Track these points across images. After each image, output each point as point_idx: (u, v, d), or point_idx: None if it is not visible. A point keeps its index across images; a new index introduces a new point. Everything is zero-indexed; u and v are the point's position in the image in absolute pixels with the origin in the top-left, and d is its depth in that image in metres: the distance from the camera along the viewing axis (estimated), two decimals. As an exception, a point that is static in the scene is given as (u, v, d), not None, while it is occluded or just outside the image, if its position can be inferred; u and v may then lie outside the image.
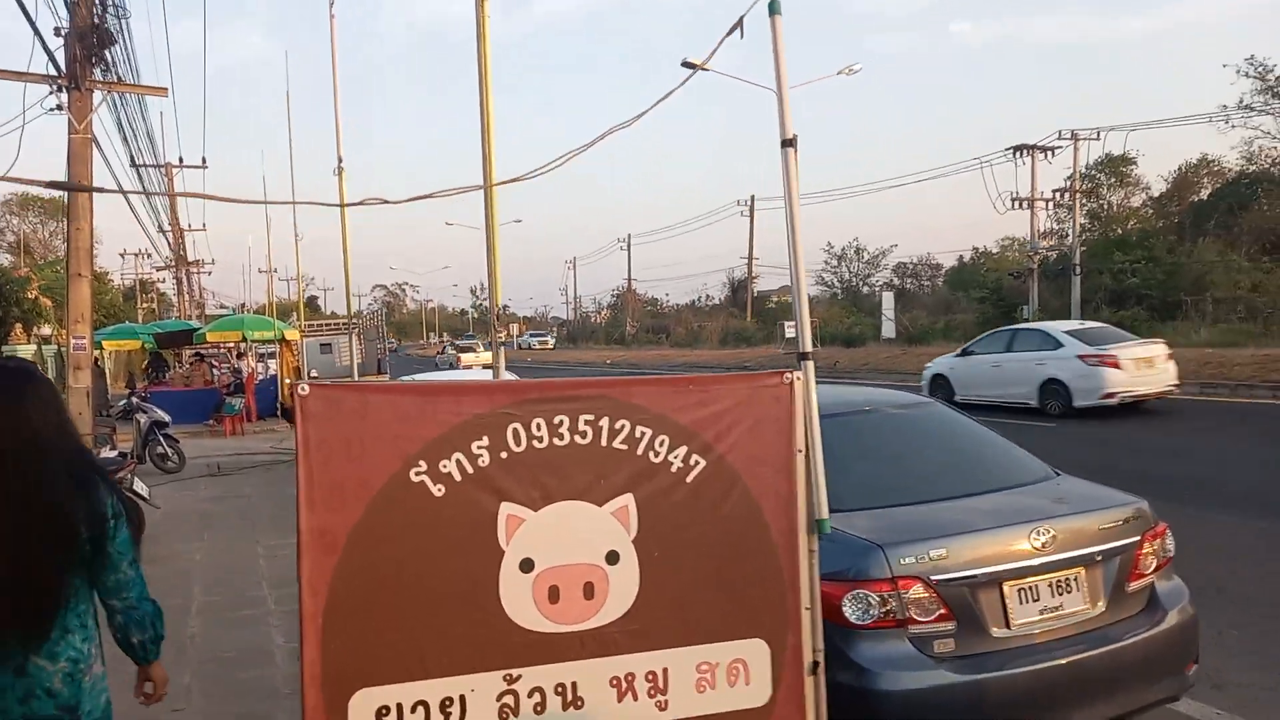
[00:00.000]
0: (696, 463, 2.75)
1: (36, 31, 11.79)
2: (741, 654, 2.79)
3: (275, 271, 53.26)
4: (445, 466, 2.54)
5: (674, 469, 2.74)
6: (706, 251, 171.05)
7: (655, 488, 2.71)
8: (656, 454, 2.72)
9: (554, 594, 2.62)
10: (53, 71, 12.03)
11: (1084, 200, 47.01)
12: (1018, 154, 40.83)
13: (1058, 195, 44.62)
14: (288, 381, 22.69)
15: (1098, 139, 41.01)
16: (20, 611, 2.14)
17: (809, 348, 2.85)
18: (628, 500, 2.69)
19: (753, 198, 56.43)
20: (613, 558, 2.67)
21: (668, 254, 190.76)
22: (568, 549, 2.64)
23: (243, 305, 60.30)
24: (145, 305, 56.05)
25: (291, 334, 22.74)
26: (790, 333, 31.58)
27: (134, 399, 13.58)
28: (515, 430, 2.60)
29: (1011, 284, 42.76)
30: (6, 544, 2.13)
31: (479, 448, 2.57)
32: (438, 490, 2.53)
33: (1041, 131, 47.43)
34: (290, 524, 2.57)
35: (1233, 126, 44.05)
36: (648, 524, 2.70)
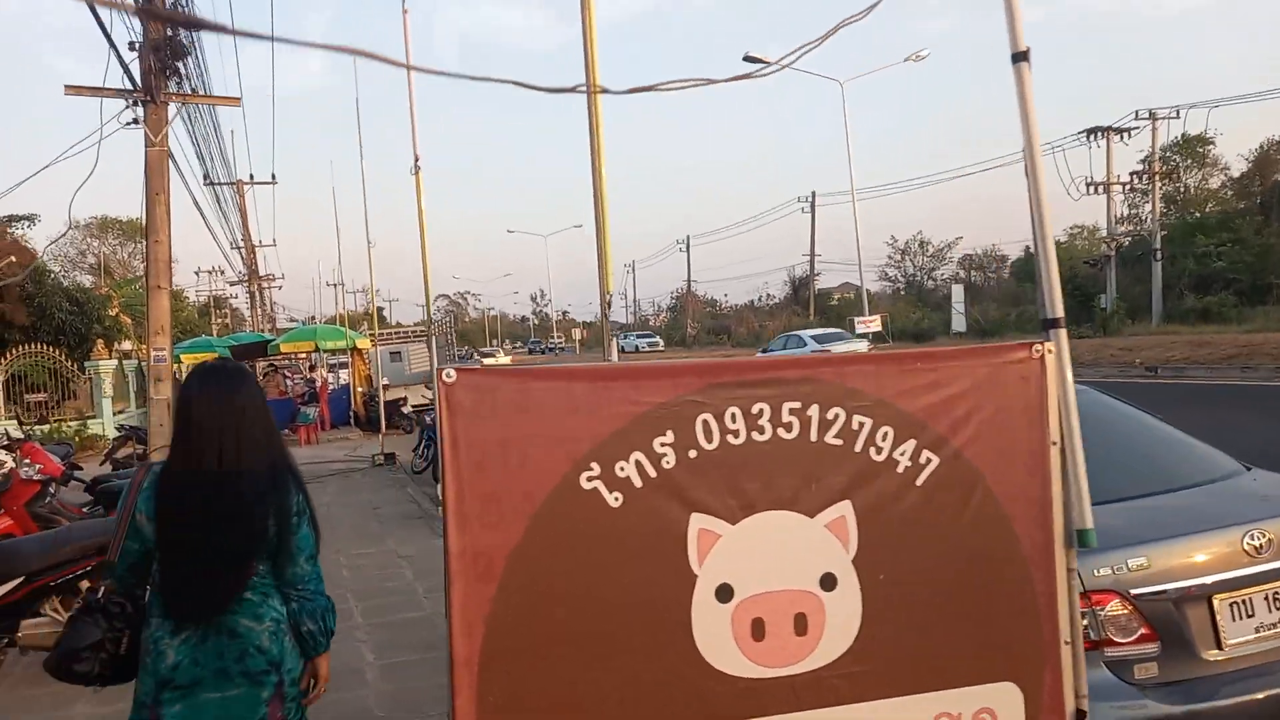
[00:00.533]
0: (928, 460, 2.16)
1: (113, 45, 11.67)
2: (989, 702, 2.19)
3: (342, 284, 54.04)
4: (623, 469, 1.99)
5: (900, 468, 2.15)
6: (765, 250, 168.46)
7: (878, 492, 2.13)
8: (879, 450, 2.13)
9: (758, 629, 2.06)
10: (128, 85, 11.92)
11: (1160, 183, 45.19)
12: (1091, 137, 39.32)
13: (1134, 178, 42.93)
14: (360, 390, 22.59)
15: (1177, 117, 39.35)
16: (204, 587, 2.41)
17: (1059, 312, 2.25)
18: (845, 509, 2.11)
19: (813, 194, 55.39)
20: (828, 582, 2.09)
21: (726, 255, 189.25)
22: (774, 572, 2.07)
23: (312, 317, 61.28)
24: (220, 320, 57.19)
25: (363, 343, 22.64)
26: (861, 328, 30.62)
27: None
28: (706, 423, 2.05)
29: (1087, 272, 41.19)
30: (205, 525, 2.40)
31: (663, 445, 2.02)
32: (614, 500, 1.99)
33: (1113, 115, 45.51)
34: (370, 533, 2.04)
35: (1320, 100, 41.99)
36: (870, 538, 2.12)
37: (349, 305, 62.87)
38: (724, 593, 2.04)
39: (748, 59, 31.12)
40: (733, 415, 2.06)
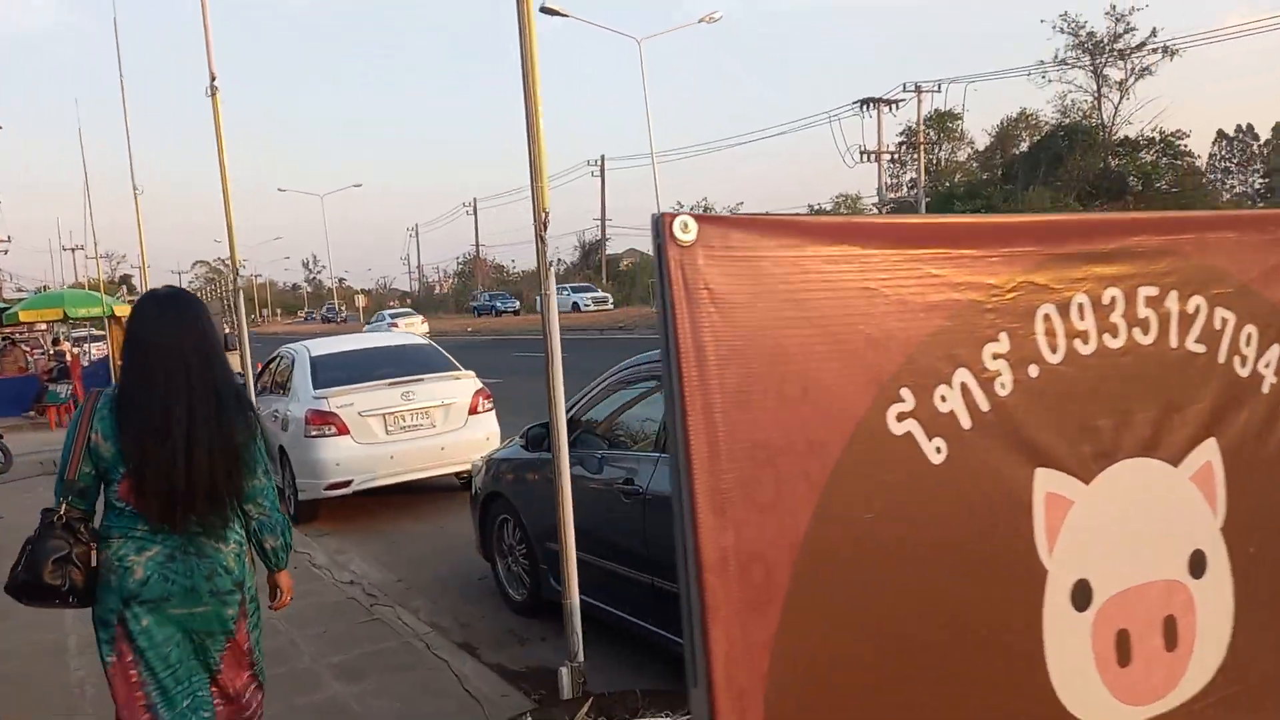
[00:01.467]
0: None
1: None
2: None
3: (81, 249, 47.48)
4: (944, 400, 1.15)
5: (1265, 387, 1.44)
6: (556, 215, 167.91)
7: (1245, 425, 1.40)
8: (1243, 361, 1.41)
9: (1123, 647, 1.29)
10: None
11: (917, 155, 48.52)
12: (864, 107, 41.48)
13: (900, 148, 45.84)
14: (120, 363, 19.69)
15: (939, 91, 42.22)
16: (214, 503, 2.54)
17: None
18: (1211, 452, 1.37)
19: (602, 157, 55.03)
20: (1198, 565, 1.35)
21: (514, 219, 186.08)
22: (1136, 555, 1.30)
23: (45, 286, 53.74)
24: (-75, 291, 48.93)
25: (123, 310, 19.65)
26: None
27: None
28: (1048, 321, 1.23)
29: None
30: (209, 447, 2.50)
31: (996, 359, 1.19)
32: (935, 451, 1.14)
33: (885, 87, 48.15)
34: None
35: (1049, 81, 46.62)
36: (1239, 494, 1.39)
37: (91, 273, 55.73)
38: (1081, 594, 1.24)
39: (545, 10, 30.01)
40: (1079, 308, 1.25)
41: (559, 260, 70.30)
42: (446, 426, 8.16)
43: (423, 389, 8.12)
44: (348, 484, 7.73)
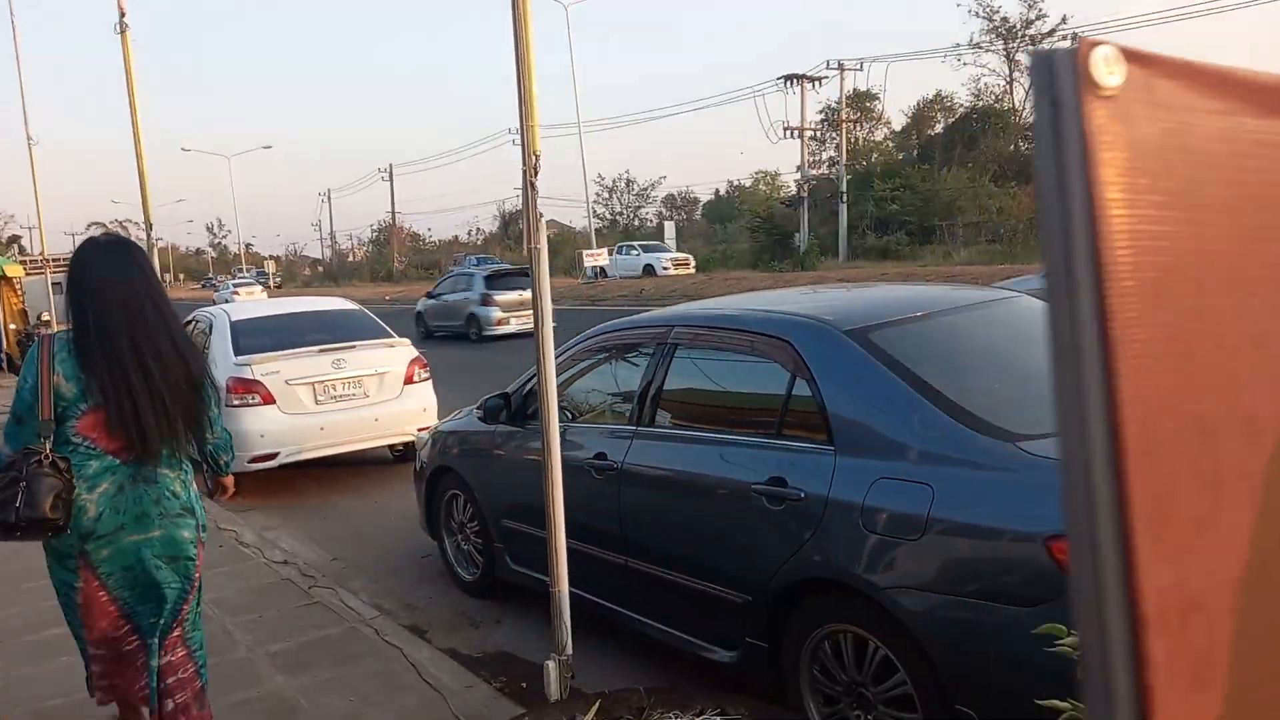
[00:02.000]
0: None
1: None
2: None
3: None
4: None
5: None
6: (474, 184, 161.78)
7: None
8: None
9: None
10: None
11: (835, 134, 48.96)
12: (788, 83, 41.53)
13: (821, 126, 46.15)
14: (12, 328, 18.33)
15: (861, 69, 42.55)
16: (173, 427, 2.71)
17: None
18: None
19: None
20: None
21: (431, 187, 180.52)
22: None
23: (-77, 246, 49.94)
24: None
25: (13, 269, 18.30)
26: (590, 261, 30.07)
27: None
28: None
29: (784, 212, 43.77)
30: (165, 388, 2.68)
31: None
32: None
33: (808, 64, 48.29)
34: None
35: (964, 64, 47.57)
36: None
37: (-23, 231, 52.07)
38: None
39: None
40: None
41: (478, 230, 69.03)
42: (380, 396, 7.71)
43: (355, 356, 7.65)
44: (273, 456, 7.23)
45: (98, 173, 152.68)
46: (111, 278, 2.71)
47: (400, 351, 7.96)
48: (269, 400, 7.24)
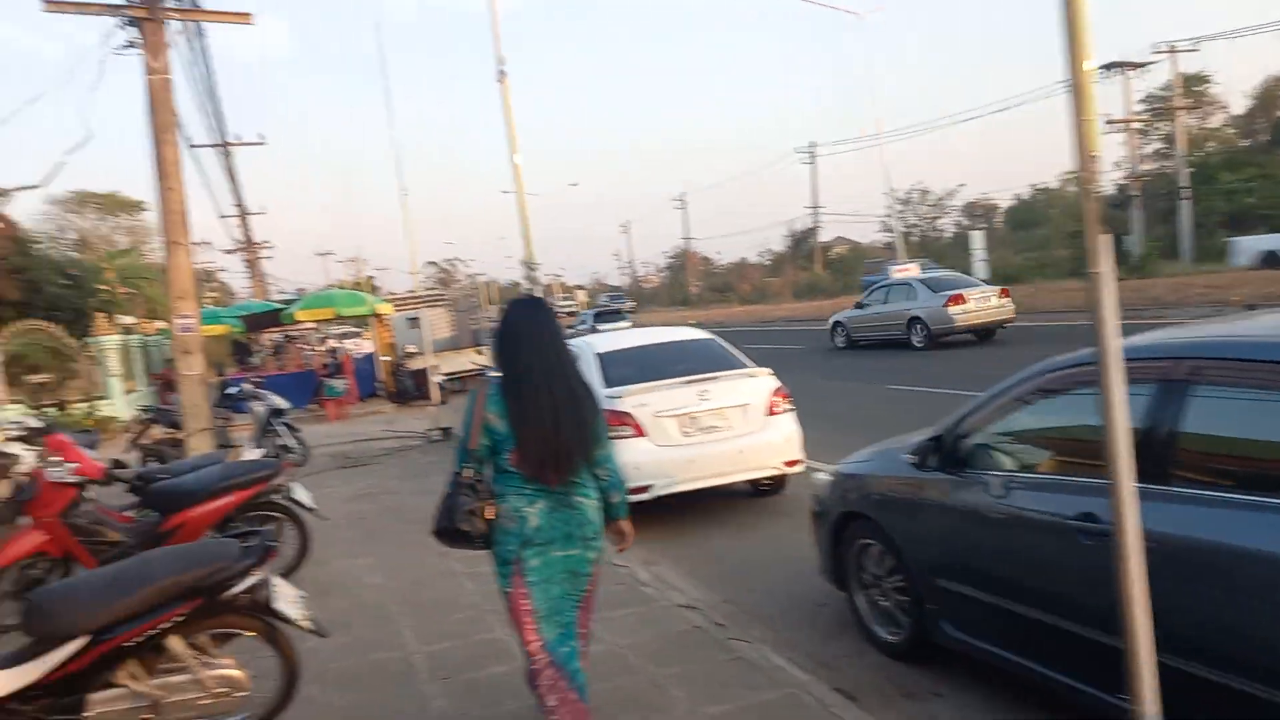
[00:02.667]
0: None
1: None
2: None
3: (331, 254, 51.15)
4: None
5: None
6: (756, 206, 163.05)
7: None
8: None
9: None
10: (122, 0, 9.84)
11: (1157, 125, 43.43)
12: (1109, 71, 37.43)
13: (1147, 117, 41.07)
14: (386, 360, 20.62)
15: (1196, 50, 37.51)
16: (574, 466, 3.13)
17: None
18: None
19: (813, 144, 53.26)
20: None
21: (721, 211, 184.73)
22: None
23: (302, 289, 58.70)
24: (212, 294, 54.69)
25: (384, 308, 20.62)
26: (895, 277, 28.71)
27: (246, 385, 11.50)
28: None
29: (1111, 215, 39.44)
30: (571, 423, 3.10)
31: None
32: None
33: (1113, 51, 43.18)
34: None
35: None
36: None
37: (336, 275, 60.16)
38: None
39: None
40: None
41: (768, 250, 69.02)
42: (744, 429, 7.46)
43: (719, 388, 7.46)
44: (646, 489, 7.19)
45: (443, 216, 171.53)
46: (530, 330, 3.18)
47: (762, 382, 7.67)
48: (640, 433, 7.23)
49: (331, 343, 24.98)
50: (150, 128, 9.78)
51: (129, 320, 21.90)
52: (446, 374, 17.94)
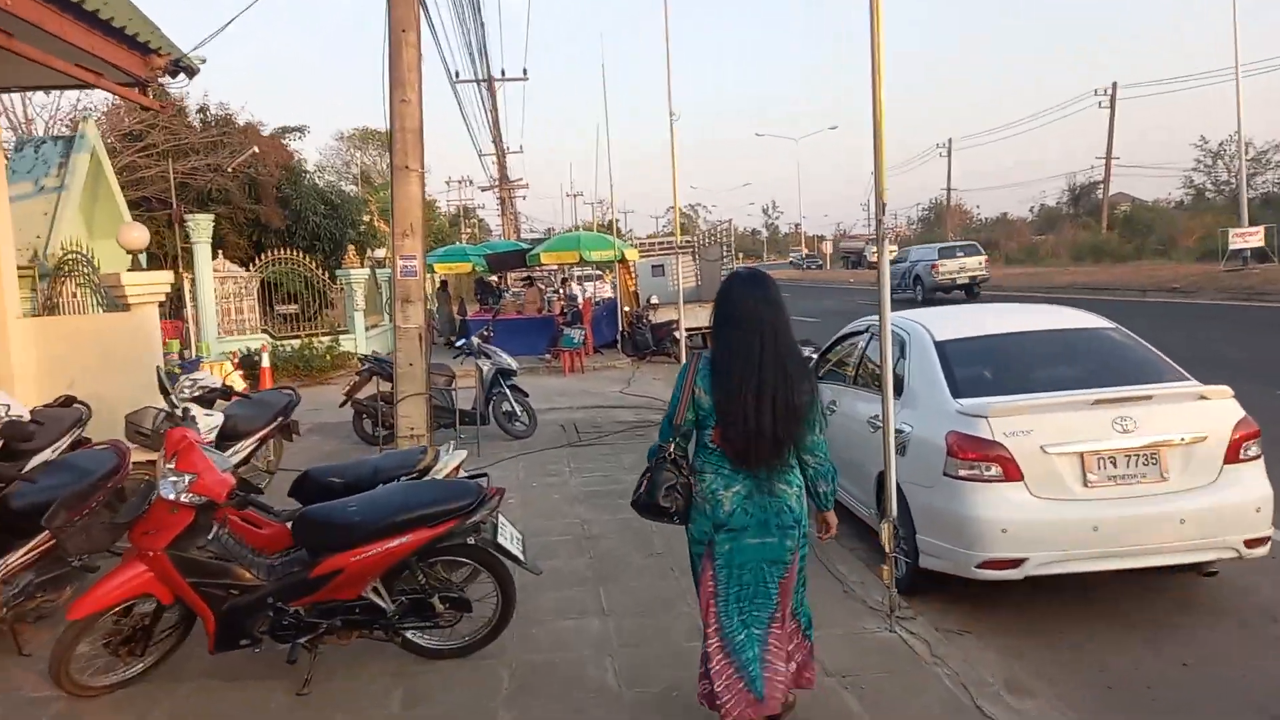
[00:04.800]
0: None
1: None
2: None
3: (581, 195, 50.74)
4: None
5: None
6: (1036, 157, 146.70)
7: None
8: None
9: None
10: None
11: None
12: None
13: None
14: (626, 310, 18.80)
15: None
16: (778, 450, 3.01)
17: None
18: None
19: (1114, 85, 45.71)
20: None
21: (992, 162, 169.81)
22: None
23: (550, 229, 59.14)
24: (467, 230, 56.31)
25: (632, 253, 18.74)
26: (1238, 243, 23.22)
27: (475, 339, 9.89)
28: None
29: None
30: (773, 412, 2.96)
31: None
32: None
33: None
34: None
35: None
36: None
37: (584, 217, 60.01)
38: None
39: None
40: None
41: (1040, 206, 61.44)
42: (1187, 481, 4.57)
43: (1149, 414, 4.60)
44: (1018, 564, 4.53)
45: (693, 157, 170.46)
46: (749, 309, 3.06)
47: (1218, 407, 4.71)
48: (1014, 475, 4.55)
49: (574, 287, 23.61)
50: (387, 28, 8.06)
51: (380, 253, 21.52)
52: (689, 329, 15.75)
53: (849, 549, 5.78)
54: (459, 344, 10.08)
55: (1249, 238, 23.85)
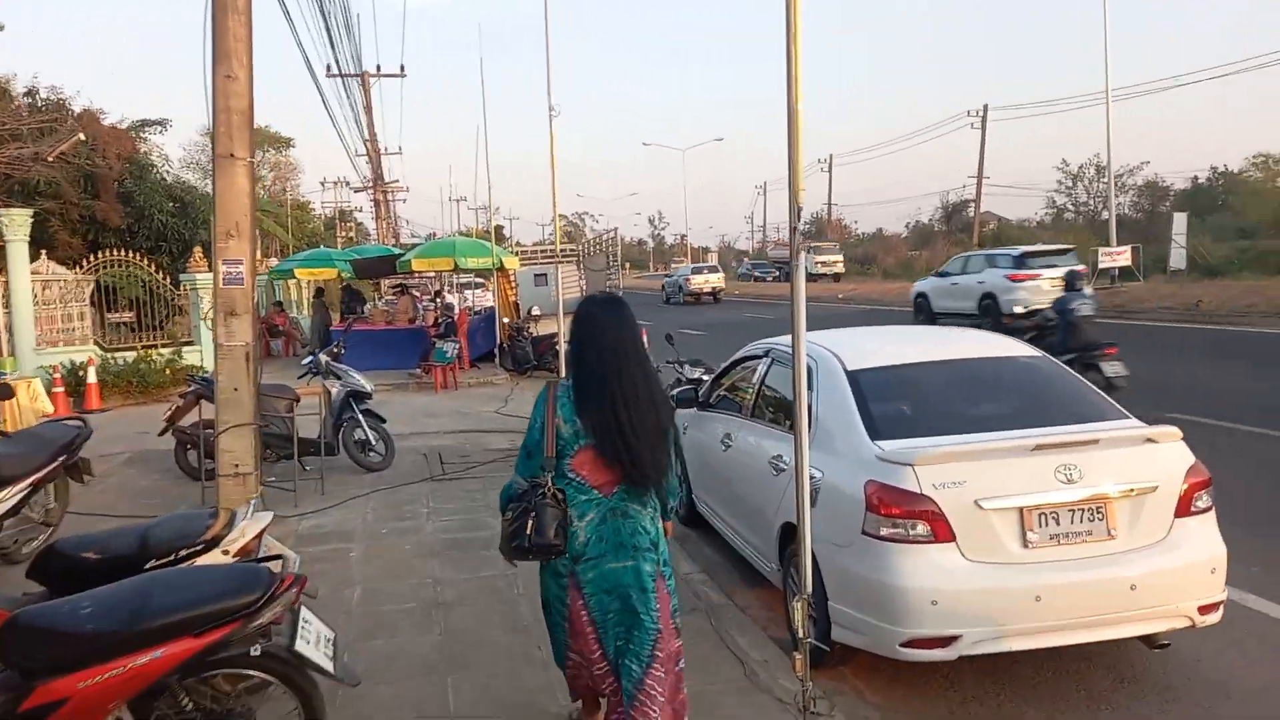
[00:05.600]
0: None
1: None
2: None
3: (464, 200, 48.89)
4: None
5: None
6: (912, 175, 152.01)
7: None
8: None
9: None
10: None
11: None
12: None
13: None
14: (506, 321, 17.67)
15: None
16: (645, 475, 3.01)
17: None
18: None
19: (985, 106, 47.42)
20: None
21: (869, 179, 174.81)
22: None
23: (433, 234, 57.01)
24: (344, 235, 53.63)
25: (512, 261, 17.60)
26: (1106, 262, 23.93)
27: (323, 356, 8.64)
28: None
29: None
30: (645, 431, 2.99)
31: None
32: None
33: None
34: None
35: None
36: None
37: (467, 223, 58.24)
38: None
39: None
40: None
41: (916, 222, 63.46)
42: (1136, 539, 3.92)
43: (1091, 460, 3.93)
44: (950, 642, 3.77)
45: (577, 167, 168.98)
46: (606, 334, 3.05)
47: (1166, 452, 4.10)
48: (944, 535, 3.80)
49: (448, 296, 22.24)
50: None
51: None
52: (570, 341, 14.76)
53: (746, 610, 4.95)
54: (305, 362, 8.81)
55: (1117, 257, 24.72)
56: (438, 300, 21.87)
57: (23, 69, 53.24)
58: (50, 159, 16.10)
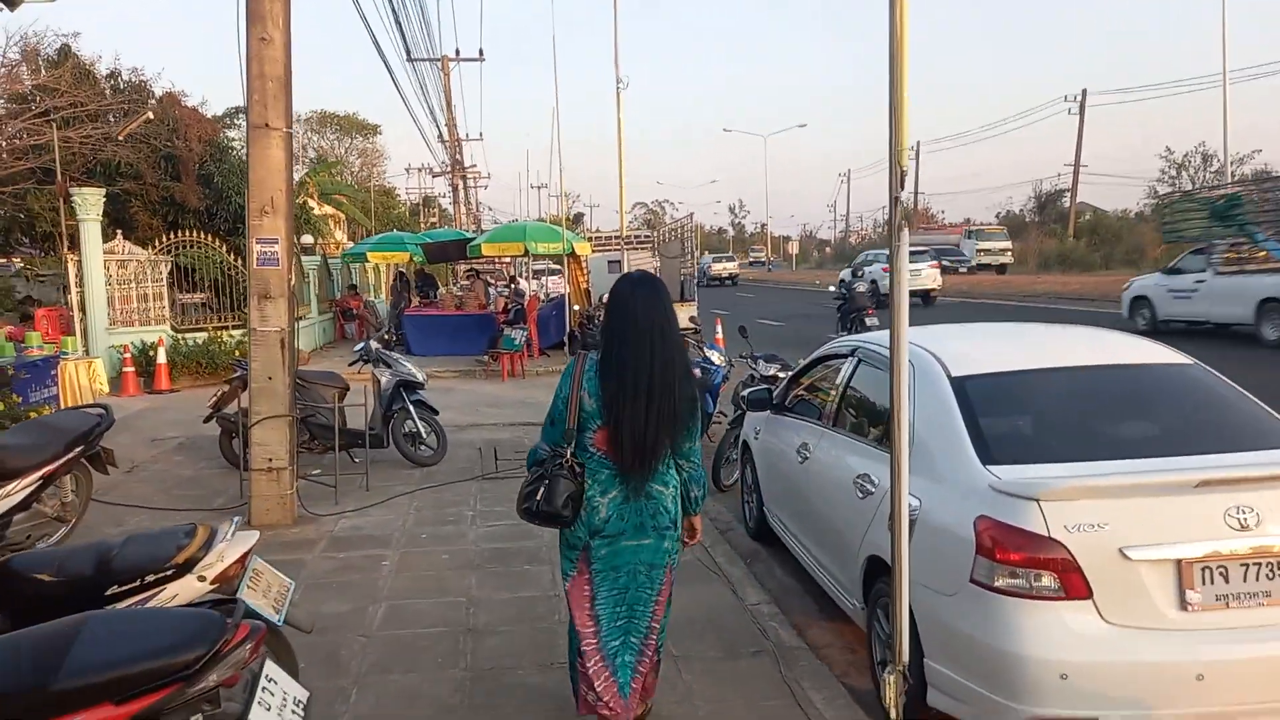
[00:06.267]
0: None
1: None
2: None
3: (545, 186, 48.70)
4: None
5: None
6: (1006, 162, 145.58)
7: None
8: None
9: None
10: None
11: None
12: None
13: None
14: (576, 309, 17.08)
15: None
16: (641, 459, 2.96)
17: None
18: None
19: (1084, 91, 44.84)
20: None
21: (960, 167, 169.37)
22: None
23: (514, 219, 56.99)
24: (429, 220, 54.10)
25: (583, 247, 17.00)
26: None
27: (373, 343, 8.15)
28: None
29: None
30: (651, 417, 2.93)
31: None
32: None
33: None
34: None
35: None
36: None
37: (549, 209, 58.22)
38: None
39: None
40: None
41: (1007, 212, 60.72)
42: (1332, 605, 3.03)
43: (1273, 502, 3.05)
44: (1083, 726, 2.96)
45: (659, 153, 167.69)
46: (636, 313, 3.01)
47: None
48: (1078, 591, 2.98)
49: (522, 283, 21.77)
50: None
51: (307, 240, 19.56)
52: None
53: (821, 651, 4.20)
54: (357, 348, 8.34)
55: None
56: (511, 286, 21.42)
57: (106, 50, 55.01)
58: (121, 137, 16.11)
